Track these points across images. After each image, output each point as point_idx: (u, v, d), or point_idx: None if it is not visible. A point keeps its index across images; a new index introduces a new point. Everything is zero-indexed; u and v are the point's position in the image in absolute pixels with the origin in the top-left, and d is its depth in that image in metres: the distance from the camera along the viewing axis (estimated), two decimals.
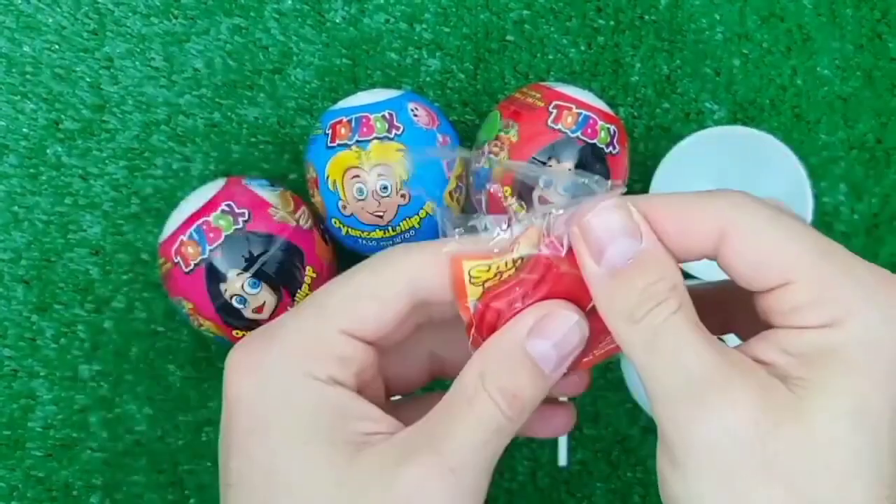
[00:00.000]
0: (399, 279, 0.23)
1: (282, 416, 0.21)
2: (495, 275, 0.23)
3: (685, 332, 0.21)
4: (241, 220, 0.37)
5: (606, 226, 0.22)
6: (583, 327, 0.23)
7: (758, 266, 0.21)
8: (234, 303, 0.37)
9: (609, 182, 0.24)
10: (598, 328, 0.23)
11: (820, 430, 0.19)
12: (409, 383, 0.27)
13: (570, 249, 0.23)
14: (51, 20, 0.44)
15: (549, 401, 0.27)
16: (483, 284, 0.23)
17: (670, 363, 0.21)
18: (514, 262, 0.23)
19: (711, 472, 0.20)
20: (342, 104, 0.39)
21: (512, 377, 0.22)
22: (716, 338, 0.21)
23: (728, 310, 0.26)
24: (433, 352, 0.27)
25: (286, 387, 0.22)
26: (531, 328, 0.22)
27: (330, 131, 0.38)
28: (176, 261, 0.37)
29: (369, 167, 0.37)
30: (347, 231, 0.39)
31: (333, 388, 0.22)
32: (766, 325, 0.22)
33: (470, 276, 0.23)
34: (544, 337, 0.22)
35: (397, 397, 0.28)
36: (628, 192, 0.23)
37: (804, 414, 0.20)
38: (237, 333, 0.38)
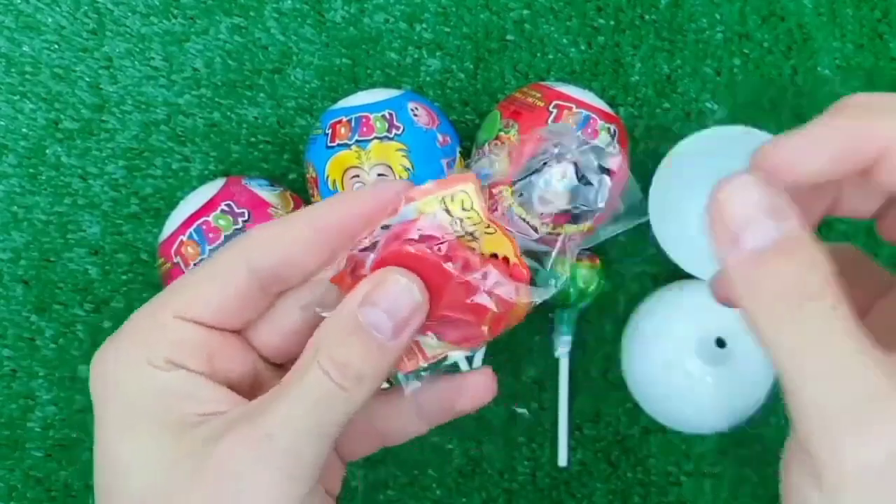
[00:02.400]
0: (236, 259, 0.23)
1: (115, 402, 0.22)
2: (457, 219, 0.23)
3: (845, 338, 0.18)
4: (240, 219, 0.37)
5: (745, 205, 0.19)
6: (413, 291, 0.22)
7: None
8: None
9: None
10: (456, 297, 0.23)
11: None
12: (293, 350, 0.26)
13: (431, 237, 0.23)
14: (50, 20, 0.44)
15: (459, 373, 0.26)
16: (443, 209, 0.23)
17: (828, 376, 0.18)
18: (475, 230, 0.23)
19: (873, 501, 0.17)
20: (342, 104, 0.39)
21: (344, 347, 0.22)
22: (872, 343, 0.18)
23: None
24: (305, 305, 0.26)
25: (121, 375, 0.22)
26: (361, 298, 0.22)
27: (330, 131, 0.38)
28: (175, 261, 0.37)
29: (369, 167, 0.37)
30: None
31: (168, 373, 0.22)
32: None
33: (452, 197, 0.23)
34: (374, 304, 0.22)
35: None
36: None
37: None
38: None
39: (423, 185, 0.23)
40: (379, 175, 0.37)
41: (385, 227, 0.23)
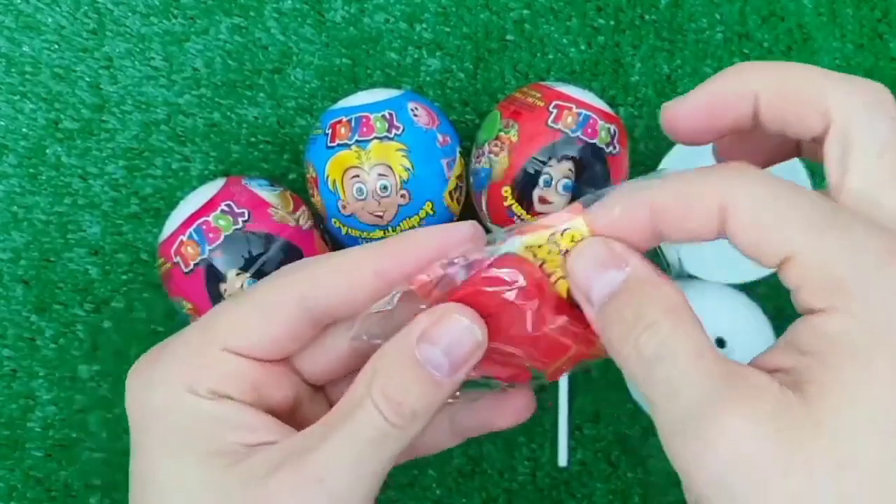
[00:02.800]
0: (288, 296, 0.23)
1: (160, 429, 0.22)
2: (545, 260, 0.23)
3: (678, 356, 0.19)
4: (240, 220, 0.37)
5: (585, 266, 0.21)
6: (475, 332, 0.22)
7: (759, 242, 0.20)
8: None
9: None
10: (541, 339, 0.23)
11: (842, 448, 0.17)
12: (337, 372, 0.27)
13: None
14: (50, 20, 0.44)
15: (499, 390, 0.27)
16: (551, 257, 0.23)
17: (663, 395, 0.19)
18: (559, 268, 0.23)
19: None
20: (342, 104, 0.39)
21: (399, 384, 0.21)
22: (719, 358, 0.19)
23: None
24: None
25: (165, 402, 0.22)
26: (420, 333, 0.22)
27: (330, 131, 0.38)
28: (175, 261, 0.37)
29: (369, 167, 0.37)
30: (347, 231, 0.39)
31: (212, 402, 0.22)
32: None
33: (561, 236, 0.23)
34: (433, 342, 0.22)
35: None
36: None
37: (822, 430, 0.17)
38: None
39: (534, 223, 0.23)
40: (379, 175, 0.37)
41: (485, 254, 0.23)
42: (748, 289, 0.42)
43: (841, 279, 0.18)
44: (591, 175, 0.38)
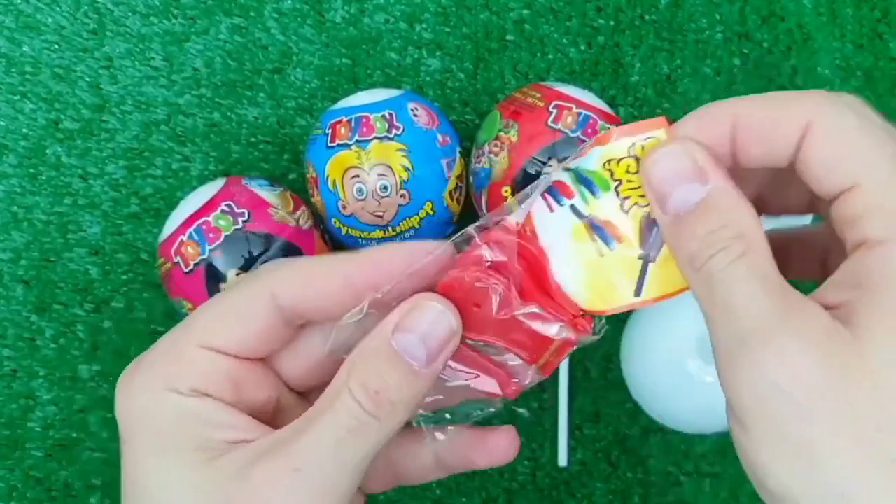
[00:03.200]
0: (260, 294, 0.23)
1: (144, 429, 0.22)
2: (637, 170, 0.22)
3: (743, 279, 0.19)
4: (240, 220, 0.37)
5: (666, 172, 0.21)
6: (449, 318, 0.22)
7: (831, 163, 0.20)
8: None
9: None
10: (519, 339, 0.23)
11: (884, 376, 0.18)
12: (317, 378, 0.27)
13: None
14: (50, 20, 0.44)
15: (487, 427, 0.26)
16: (629, 156, 0.22)
17: (723, 314, 0.20)
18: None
19: (772, 433, 0.19)
20: (342, 104, 0.39)
21: (376, 374, 0.21)
22: (783, 285, 0.20)
23: (827, 256, 0.25)
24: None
25: (147, 401, 0.22)
26: (396, 323, 0.22)
27: (330, 131, 0.38)
28: (176, 261, 0.37)
29: (369, 167, 0.37)
30: (347, 231, 0.39)
31: (194, 400, 0.22)
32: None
33: (644, 143, 0.22)
34: (408, 330, 0.22)
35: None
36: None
37: (866, 359, 0.18)
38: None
39: (621, 128, 0.22)
40: (379, 175, 0.37)
41: (567, 169, 0.23)
42: None
43: None
44: None
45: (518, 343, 0.23)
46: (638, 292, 0.23)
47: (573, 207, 0.23)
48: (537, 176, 0.38)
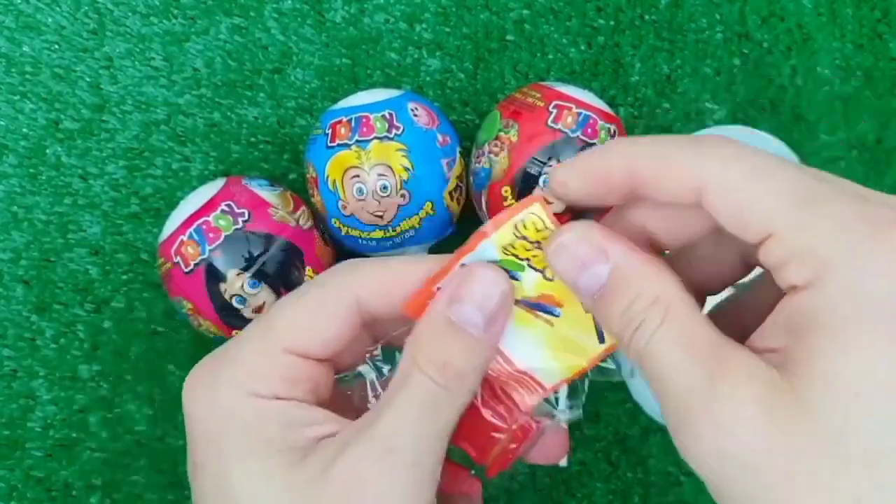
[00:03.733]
0: (346, 298, 0.23)
1: (230, 432, 0.22)
2: (535, 241, 0.23)
3: (666, 351, 0.20)
4: (240, 219, 0.37)
5: (566, 264, 0.22)
6: (501, 281, 0.22)
7: (737, 218, 0.20)
8: (234, 303, 0.37)
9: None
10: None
11: (823, 422, 0.17)
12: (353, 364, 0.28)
13: None
14: (50, 20, 0.44)
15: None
16: (519, 238, 0.23)
17: (658, 389, 0.20)
18: None
19: (737, 499, 0.19)
20: (342, 104, 0.39)
21: (441, 347, 0.22)
22: (712, 342, 0.20)
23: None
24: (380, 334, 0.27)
25: (232, 405, 0.22)
26: (449, 296, 0.22)
27: (330, 131, 0.38)
28: (175, 261, 0.37)
29: (369, 167, 0.37)
30: (347, 231, 0.39)
31: (280, 403, 0.22)
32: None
33: (524, 219, 0.23)
34: (463, 300, 0.22)
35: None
36: None
37: (805, 407, 0.18)
38: (237, 333, 0.38)
39: (495, 218, 0.23)
40: (379, 175, 0.37)
41: (463, 266, 0.23)
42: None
43: (819, 254, 0.18)
44: None
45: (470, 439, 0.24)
46: (601, 339, 0.23)
47: None
48: (537, 176, 0.38)
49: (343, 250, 0.41)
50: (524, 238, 0.23)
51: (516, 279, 0.23)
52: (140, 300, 0.43)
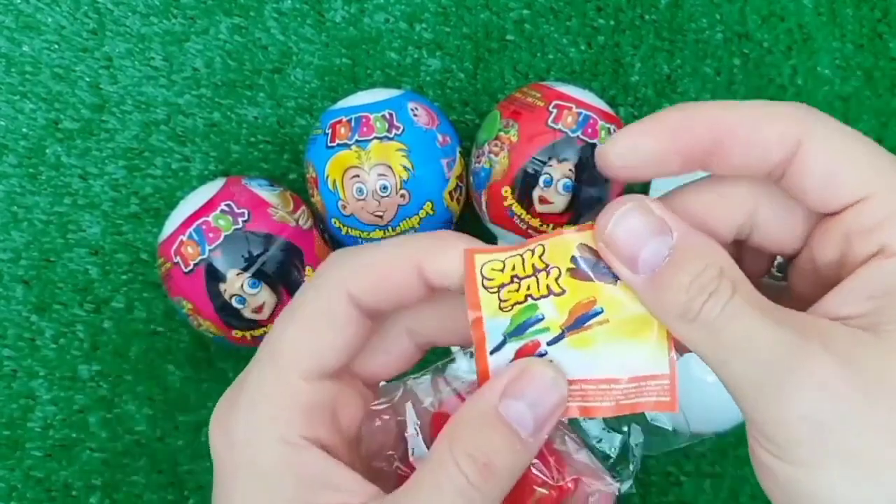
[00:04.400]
0: (338, 298, 0.22)
1: (248, 481, 0.21)
2: (511, 278, 0.21)
3: (746, 316, 0.19)
4: (240, 219, 0.37)
5: (630, 231, 0.20)
6: (560, 385, 0.21)
7: (833, 178, 0.20)
8: (234, 303, 0.37)
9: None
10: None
11: None
12: (393, 368, 0.26)
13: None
14: (50, 20, 0.44)
15: None
16: (498, 290, 0.21)
17: (741, 357, 0.19)
18: (533, 264, 0.21)
19: (828, 458, 0.18)
20: (342, 104, 0.39)
21: (483, 442, 0.20)
22: (782, 309, 0.19)
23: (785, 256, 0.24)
24: (412, 329, 0.25)
25: (253, 452, 0.21)
26: (504, 388, 0.21)
27: (330, 131, 0.38)
28: (175, 261, 0.37)
29: (369, 167, 0.37)
30: (347, 231, 0.39)
31: (302, 454, 0.21)
32: (827, 284, 0.21)
33: (483, 278, 0.21)
34: (518, 397, 0.20)
35: (383, 383, 0.27)
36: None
37: None
38: (236, 333, 0.38)
39: (467, 300, 0.21)
40: (379, 175, 0.37)
41: (493, 352, 0.22)
42: None
43: None
44: (591, 175, 0.38)
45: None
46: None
47: (551, 343, 0.22)
48: (537, 175, 0.38)
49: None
50: (502, 287, 0.21)
51: (541, 320, 0.21)
52: (140, 300, 0.43)
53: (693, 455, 0.45)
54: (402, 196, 0.37)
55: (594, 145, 0.38)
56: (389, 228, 0.38)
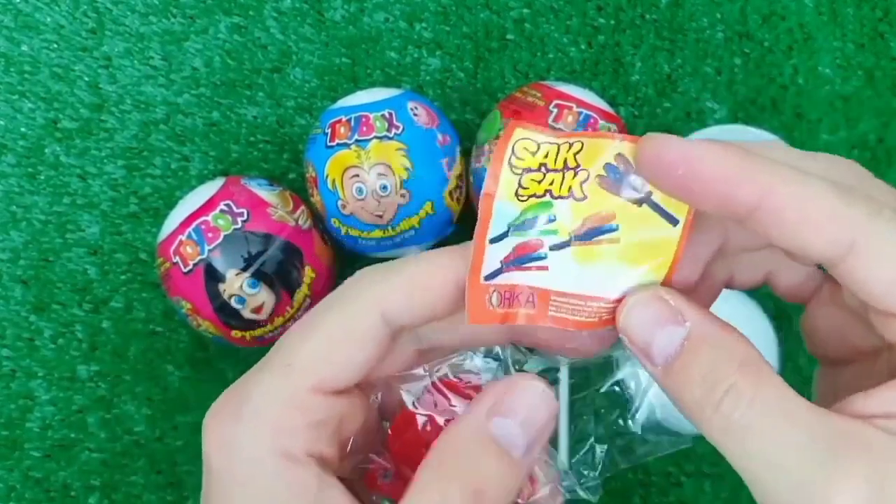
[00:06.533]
0: (371, 318, 0.21)
1: (245, 496, 0.20)
2: (540, 165, 0.20)
3: (771, 423, 0.18)
4: (239, 219, 0.37)
5: (641, 320, 0.20)
6: (549, 399, 0.20)
7: (809, 234, 0.18)
8: (233, 303, 0.37)
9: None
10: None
11: None
12: (388, 371, 0.25)
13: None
14: (49, 19, 0.43)
15: None
16: (521, 175, 0.20)
17: (765, 467, 0.18)
18: (565, 158, 0.20)
19: None
20: (341, 103, 0.39)
21: (475, 467, 0.19)
22: (812, 408, 0.18)
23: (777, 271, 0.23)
24: (421, 335, 0.24)
25: (253, 466, 0.20)
26: (491, 406, 0.19)
27: (329, 130, 0.38)
28: (174, 261, 0.37)
29: (369, 166, 0.37)
30: (347, 231, 0.39)
31: (301, 471, 0.20)
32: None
33: (513, 155, 0.20)
34: (507, 414, 0.19)
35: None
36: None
37: None
38: (236, 333, 0.38)
39: (488, 173, 0.20)
40: (379, 175, 0.37)
41: (492, 241, 0.20)
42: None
43: None
44: None
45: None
46: (674, 222, 0.20)
47: (554, 247, 0.21)
48: None
49: (342, 250, 0.41)
50: (527, 171, 0.20)
51: (552, 220, 0.20)
52: (139, 300, 0.43)
53: (694, 456, 0.45)
54: (402, 196, 0.37)
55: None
56: (389, 228, 0.38)
